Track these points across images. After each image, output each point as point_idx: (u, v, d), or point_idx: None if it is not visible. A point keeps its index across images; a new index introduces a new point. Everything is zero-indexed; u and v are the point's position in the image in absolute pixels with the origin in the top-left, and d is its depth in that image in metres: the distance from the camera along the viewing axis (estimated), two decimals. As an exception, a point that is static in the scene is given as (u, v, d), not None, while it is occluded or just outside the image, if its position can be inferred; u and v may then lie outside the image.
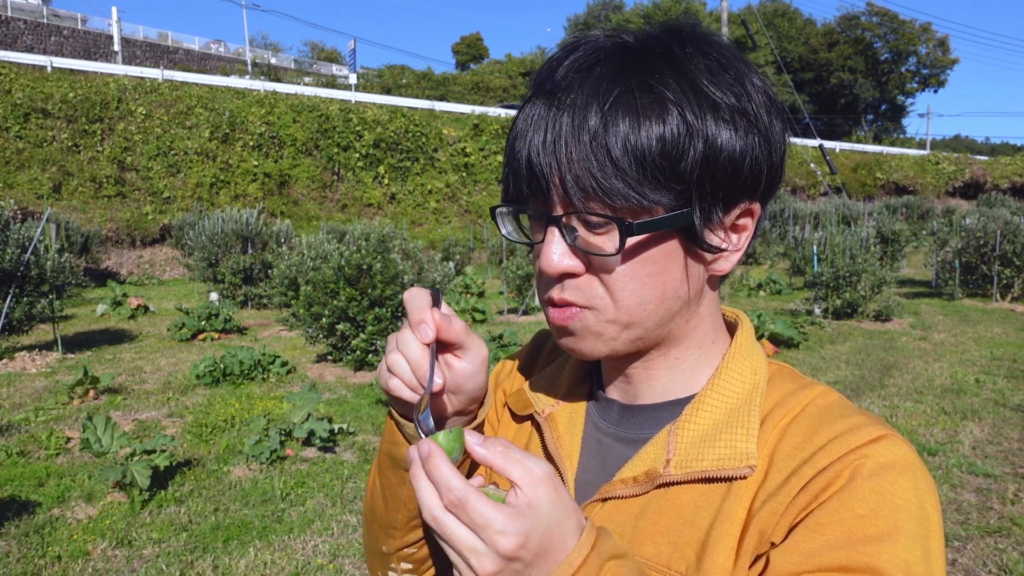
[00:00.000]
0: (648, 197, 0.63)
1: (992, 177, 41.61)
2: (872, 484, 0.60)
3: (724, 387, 0.72)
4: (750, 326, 0.79)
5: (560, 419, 0.82)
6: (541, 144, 0.65)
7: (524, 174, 0.67)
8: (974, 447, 5.55)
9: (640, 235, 0.65)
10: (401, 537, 0.82)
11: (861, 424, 0.65)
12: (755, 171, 0.67)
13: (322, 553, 4.00)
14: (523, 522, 0.54)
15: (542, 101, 0.66)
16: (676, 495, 0.69)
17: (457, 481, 0.54)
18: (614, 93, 0.63)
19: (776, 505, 0.63)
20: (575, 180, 0.63)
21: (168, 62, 39.07)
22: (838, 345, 9.66)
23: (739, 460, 0.67)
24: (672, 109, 0.62)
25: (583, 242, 0.67)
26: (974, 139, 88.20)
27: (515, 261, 13.45)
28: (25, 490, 4.81)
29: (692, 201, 0.64)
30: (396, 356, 0.67)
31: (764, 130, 0.66)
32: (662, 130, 0.62)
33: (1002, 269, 13.27)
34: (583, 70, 0.65)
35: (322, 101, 27.41)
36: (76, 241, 17.62)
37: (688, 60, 0.65)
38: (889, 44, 61.11)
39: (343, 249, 8.34)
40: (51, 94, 21.93)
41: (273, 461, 5.27)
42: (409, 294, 0.68)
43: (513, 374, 0.95)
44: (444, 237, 23.13)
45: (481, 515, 0.53)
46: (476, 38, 69.61)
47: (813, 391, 0.71)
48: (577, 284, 0.68)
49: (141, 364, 8.79)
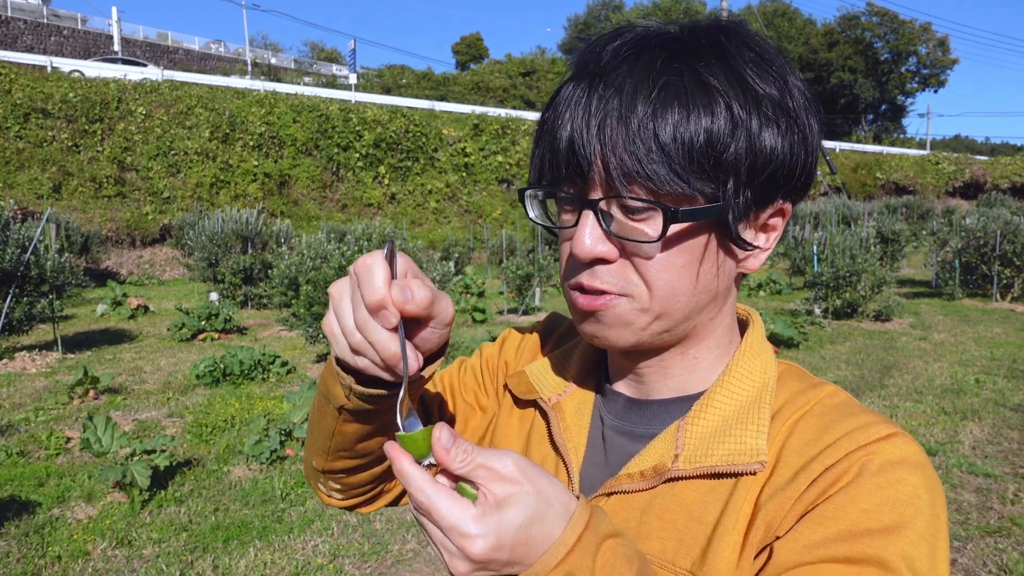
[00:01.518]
0: (692, 185, 0.62)
1: (992, 177, 41.60)
2: (879, 480, 0.60)
3: (734, 384, 0.72)
4: (761, 324, 0.79)
5: (568, 409, 0.81)
6: (585, 125, 0.64)
7: (563, 155, 0.66)
8: (974, 447, 5.55)
9: (684, 223, 0.64)
10: (328, 463, 0.83)
11: (871, 422, 0.65)
12: (792, 170, 0.67)
13: (322, 553, 4.00)
14: (491, 522, 0.53)
15: (586, 83, 0.65)
16: (682, 490, 0.69)
17: (420, 483, 0.54)
18: (663, 80, 0.62)
19: (784, 499, 0.63)
20: (619, 163, 0.62)
21: (168, 62, 39.06)
22: (838, 345, 9.66)
23: (749, 456, 0.66)
24: (720, 100, 0.62)
25: (619, 227, 0.66)
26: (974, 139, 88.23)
27: (515, 261, 13.46)
28: (25, 490, 4.81)
29: (731, 194, 0.64)
30: (359, 339, 0.62)
31: (803, 128, 0.67)
32: (710, 121, 0.62)
33: (1002, 269, 13.27)
34: (630, 55, 0.65)
35: (322, 101, 27.40)
36: (76, 241, 17.62)
37: (735, 52, 0.65)
38: (889, 44, 61.09)
39: (344, 249, 8.35)
40: (51, 94, 21.93)
41: (273, 461, 5.27)
42: (360, 266, 0.61)
43: (521, 352, 0.93)
44: (444, 237, 23.14)
45: (446, 518, 0.53)
46: (476, 38, 69.59)
47: (822, 390, 0.71)
48: (610, 271, 0.67)
49: (141, 364, 8.79)
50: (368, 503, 0.92)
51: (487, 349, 0.96)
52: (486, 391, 0.93)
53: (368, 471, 0.85)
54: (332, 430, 0.77)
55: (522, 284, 13.12)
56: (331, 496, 0.89)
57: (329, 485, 0.87)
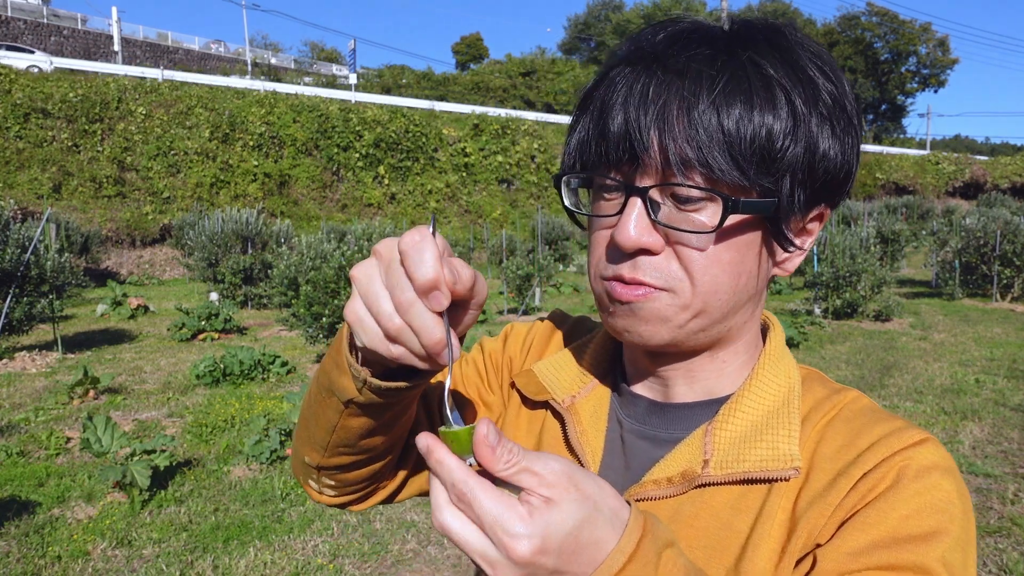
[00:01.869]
0: (751, 178, 0.61)
1: (992, 177, 41.61)
2: (917, 485, 0.60)
3: (761, 388, 0.71)
4: (781, 328, 0.77)
5: (584, 411, 0.78)
6: (642, 109, 0.62)
7: (615, 139, 0.63)
8: (974, 447, 5.55)
9: (741, 215, 0.62)
10: (325, 459, 0.78)
11: (902, 427, 0.65)
12: (842, 171, 0.66)
13: (322, 553, 4.00)
14: (539, 523, 0.48)
15: (642, 67, 0.64)
16: (711, 496, 0.67)
17: (462, 473, 0.49)
18: (728, 71, 0.61)
19: (824, 506, 0.62)
20: (679, 150, 0.60)
21: (168, 62, 39.07)
22: (838, 345, 9.66)
23: (783, 461, 0.65)
24: (782, 96, 0.62)
25: (668, 217, 0.64)
26: (974, 139, 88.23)
27: (515, 261, 13.46)
28: (25, 490, 4.81)
29: (787, 192, 0.63)
30: (398, 323, 0.56)
31: (855, 133, 0.66)
32: (773, 116, 0.61)
33: (1002, 269, 13.27)
34: (689, 44, 0.64)
35: (322, 101, 27.42)
36: (76, 241, 17.63)
37: (795, 49, 0.65)
38: (889, 44, 61.13)
39: (344, 249, 8.35)
40: (51, 94, 21.93)
41: (273, 461, 5.27)
42: (408, 243, 0.55)
43: (527, 348, 0.90)
44: (444, 237, 23.13)
45: (490, 513, 0.48)
46: (476, 38, 69.61)
47: (847, 395, 0.71)
48: (653, 263, 0.65)
49: (141, 364, 8.80)
50: (360, 500, 0.87)
51: (489, 344, 0.93)
52: (490, 386, 0.89)
53: (367, 467, 0.81)
54: (334, 425, 0.73)
55: (522, 284, 13.12)
56: (322, 493, 0.85)
57: (323, 482, 0.83)
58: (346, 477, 0.82)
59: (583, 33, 69.86)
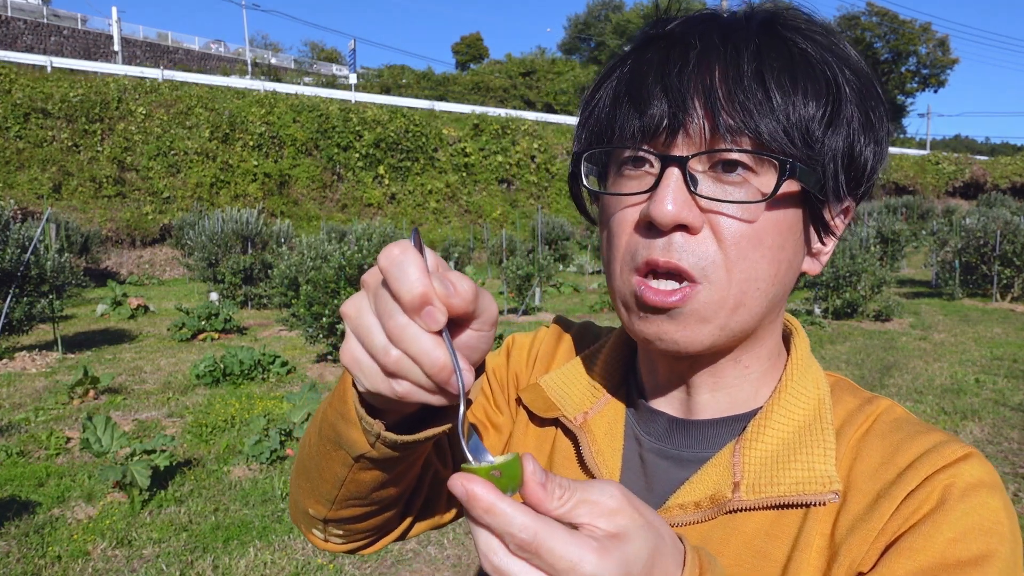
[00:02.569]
0: (799, 148, 0.58)
1: (992, 177, 41.60)
2: (964, 506, 0.56)
3: (790, 401, 0.66)
4: (804, 334, 0.72)
5: (598, 429, 0.73)
6: (681, 78, 0.58)
7: (651, 109, 0.59)
8: (974, 447, 5.55)
9: (799, 181, 0.58)
10: (332, 512, 0.71)
11: (943, 441, 0.61)
12: (874, 160, 0.64)
13: (322, 553, 4.00)
14: (615, 557, 0.42)
15: (669, 43, 0.61)
16: (742, 522, 0.62)
17: (524, 518, 0.41)
18: (769, 45, 0.59)
19: (867, 532, 0.58)
20: (726, 116, 0.57)
21: (168, 62, 39.07)
22: (838, 345, 9.66)
23: (821, 484, 0.61)
24: (826, 74, 0.60)
25: (711, 189, 0.59)
26: (974, 139, 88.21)
27: (515, 261, 13.46)
28: (25, 490, 4.81)
29: (828, 170, 0.60)
30: (396, 354, 0.48)
31: (887, 122, 0.64)
32: (817, 92, 0.59)
33: (1002, 269, 13.27)
34: (715, 23, 0.62)
35: (322, 101, 27.43)
36: (76, 241, 17.63)
37: (824, 30, 0.63)
38: (889, 44, 61.11)
39: (344, 249, 8.35)
40: (51, 94, 21.94)
41: (273, 461, 5.27)
42: (387, 259, 0.47)
43: (532, 360, 0.84)
44: (444, 237, 23.15)
45: (564, 558, 0.41)
46: (476, 38, 69.61)
47: (879, 405, 0.66)
48: (690, 244, 0.59)
49: (141, 364, 8.80)
50: (370, 545, 0.80)
51: (491, 360, 0.86)
52: (497, 406, 0.83)
53: (380, 516, 0.73)
54: (342, 479, 0.66)
55: (522, 284, 13.13)
56: (328, 541, 0.77)
57: (329, 531, 0.75)
58: (357, 527, 0.75)
59: (583, 33, 69.87)
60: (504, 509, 0.42)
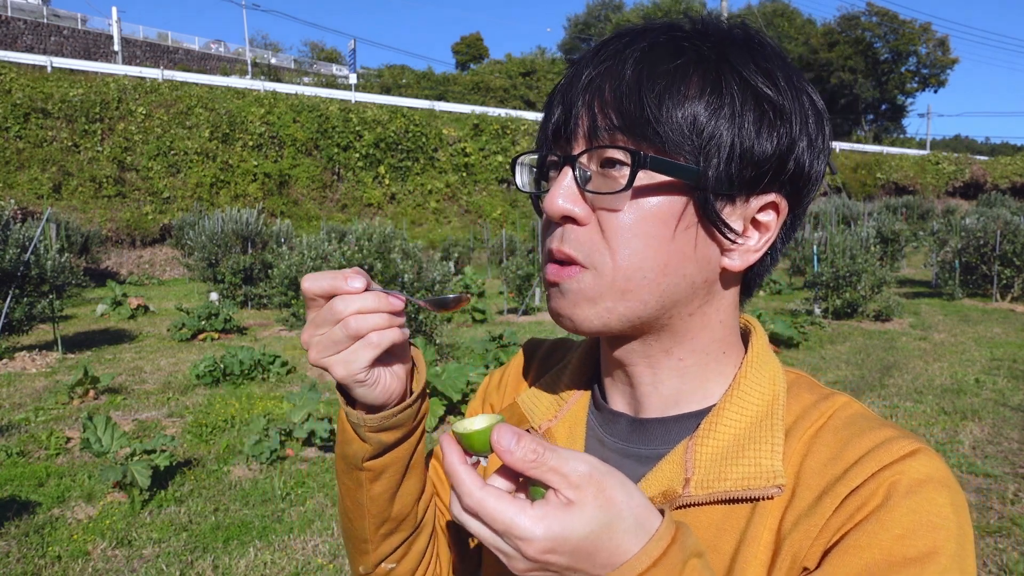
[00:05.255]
0: (670, 140, 0.61)
1: (992, 177, 41.59)
2: (909, 503, 0.57)
3: (743, 398, 0.68)
4: (763, 332, 0.74)
5: (559, 434, 0.77)
6: (575, 87, 0.65)
7: (555, 112, 0.67)
8: (974, 447, 5.54)
9: (655, 174, 0.61)
10: (375, 550, 0.78)
11: (892, 437, 0.61)
12: (781, 158, 0.64)
13: (322, 553, 4.00)
14: (551, 525, 0.49)
15: (583, 61, 0.67)
16: (695, 517, 0.64)
17: (470, 486, 0.51)
18: (657, 46, 0.63)
19: (809, 527, 0.59)
20: (603, 116, 0.62)
21: (168, 62, 39.06)
22: (838, 345, 9.66)
23: (765, 479, 0.63)
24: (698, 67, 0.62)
25: (595, 184, 0.64)
26: (974, 139, 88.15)
27: (515, 261, 13.47)
28: (25, 490, 4.81)
29: (712, 164, 0.62)
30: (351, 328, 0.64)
31: (790, 110, 0.64)
32: (700, 88, 0.61)
33: (1002, 269, 13.27)
34: (631, 37, 0.66)
35: (322, 101, 27.42)
36: (76, 241, 17.63)
37: (730, 34, 0.66)
38: (889, 44, 61.08)
39: (344, 249, 8.35)
40: (51, 94, 21.93)
41: (273, 461, 5.27)
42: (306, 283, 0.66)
43: (503, 387, 0.90)
44: (444, 237, 23.15)
45: (500, 521, 0.50)
46: (476, 38, 69.58)
47: (835, 401, 0.67)
48: (578, 236, 0.64)
49: (141, 364, 8.79)
50: None
51: (471, 405, 0.94)
52: None
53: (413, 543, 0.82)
54: (363, 502, 0.76)
55: (522, 284, 13.12)
56: None
57: None
58: (405, 568, 0.82)
59: (583, 33, 69.84)
60: (459, 473, 0.52)
